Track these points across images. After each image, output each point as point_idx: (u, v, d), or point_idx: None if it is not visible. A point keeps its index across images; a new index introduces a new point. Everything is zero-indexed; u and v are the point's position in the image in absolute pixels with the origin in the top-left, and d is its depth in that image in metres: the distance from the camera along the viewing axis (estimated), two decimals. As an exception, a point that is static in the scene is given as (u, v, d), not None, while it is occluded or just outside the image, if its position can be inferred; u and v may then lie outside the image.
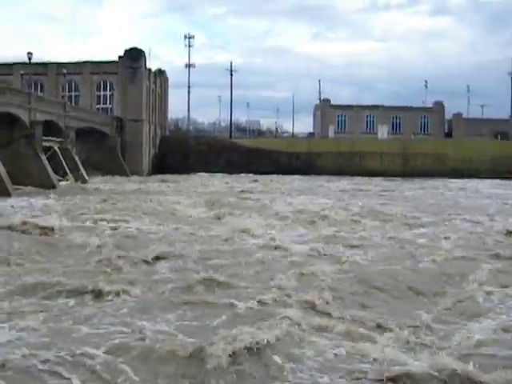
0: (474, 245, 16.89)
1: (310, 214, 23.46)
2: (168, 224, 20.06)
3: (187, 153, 64.32)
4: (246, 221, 20.83)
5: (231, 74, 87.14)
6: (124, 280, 11.65)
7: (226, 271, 12.49)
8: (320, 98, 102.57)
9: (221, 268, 12.79)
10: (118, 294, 10.49)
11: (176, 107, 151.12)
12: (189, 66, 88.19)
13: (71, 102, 57.90)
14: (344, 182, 48.72)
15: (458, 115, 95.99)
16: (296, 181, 50.43)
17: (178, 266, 13.13)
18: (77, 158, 46.60)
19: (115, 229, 18.65)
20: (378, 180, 52.04)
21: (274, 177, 53.48)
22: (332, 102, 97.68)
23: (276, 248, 15.58)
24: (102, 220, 20.42)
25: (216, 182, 47.56)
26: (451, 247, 16.22)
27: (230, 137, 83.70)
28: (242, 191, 37.89)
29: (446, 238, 17.86)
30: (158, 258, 13.94)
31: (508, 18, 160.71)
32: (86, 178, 45.69)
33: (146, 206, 25.83)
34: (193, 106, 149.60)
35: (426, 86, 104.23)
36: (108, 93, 63.48)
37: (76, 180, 44.00)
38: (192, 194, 35.15)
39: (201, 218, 22.34)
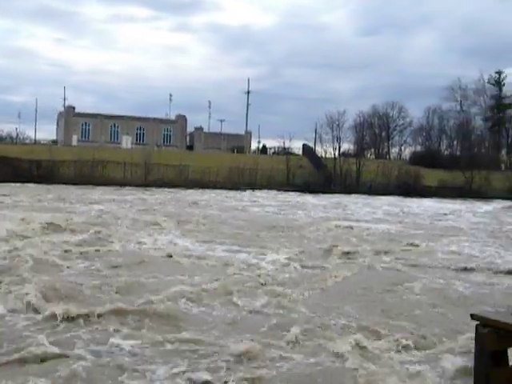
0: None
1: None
2: None
3: None
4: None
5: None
6: None
7: None
8: (64, 105, 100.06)
9: None
10: None
11: None
12: None
13: None
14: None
15: (199, 129, 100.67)
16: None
17: None
18: None
19: None
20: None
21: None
22: (77, 110, 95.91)
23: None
24: None
25: None
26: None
27: (-36, 142, 77.23)
28: None
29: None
30: None
31: (241, 41, 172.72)
32: None
33: None
34: None
35: (170, 99, 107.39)
36: None
37: None
38: None
39: None
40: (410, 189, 65.86)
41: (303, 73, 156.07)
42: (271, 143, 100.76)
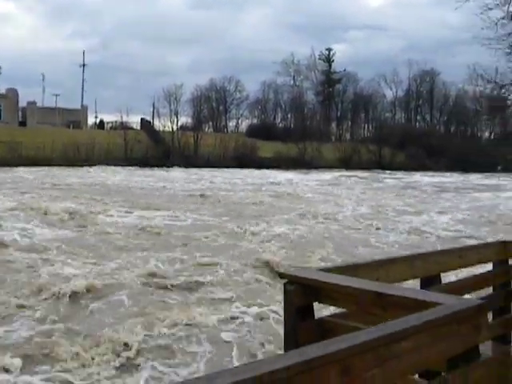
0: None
1: None
2: None
3: None
4: None
5: None
6: None
7: None
8: None
9: None
10: None
11: None
12: None
13: None
14: None
15: (32, 103, 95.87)
16: None
17: None
18: None
19: None
20: None
21: None
22: None
23: None
24: None
25: None
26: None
27: None
28: None
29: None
30: None
31: (70, 11, 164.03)
32: None
33: None
34: None
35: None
36: None
37: None
38: None
39: None
40: (247, 160, 67.86)
41: (137, 45, 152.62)
42: (109, 118, 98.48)
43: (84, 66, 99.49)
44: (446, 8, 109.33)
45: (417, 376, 2.96)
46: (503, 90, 14.49)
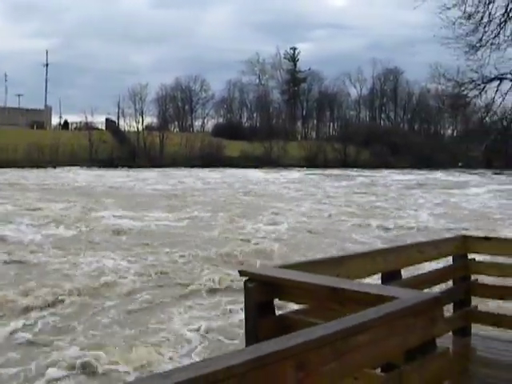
0: None
1: None
2: None
3: None
4: None
5: None
6: None
7: None
8: None
9: None
10: None
11: None
12: None
13: None
14: None
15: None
16: None
17: None
18: None
19: None
20: None
21: None
22: None
23: None
24: None
25: None
26: None
27: None
28: None
29: None
30: None
31: (32, 10, 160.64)
32: None
33: None
34: None
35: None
36: None
37: None
38: None
39: None
40: (213, 160, 67.81)
41: (100, 44, 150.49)
42: (74, 118, 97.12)
43: (47, 65, 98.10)
44: (408, 7, 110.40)
45: (379, 370, 2.99)
46: (462, 88, 14.77)
